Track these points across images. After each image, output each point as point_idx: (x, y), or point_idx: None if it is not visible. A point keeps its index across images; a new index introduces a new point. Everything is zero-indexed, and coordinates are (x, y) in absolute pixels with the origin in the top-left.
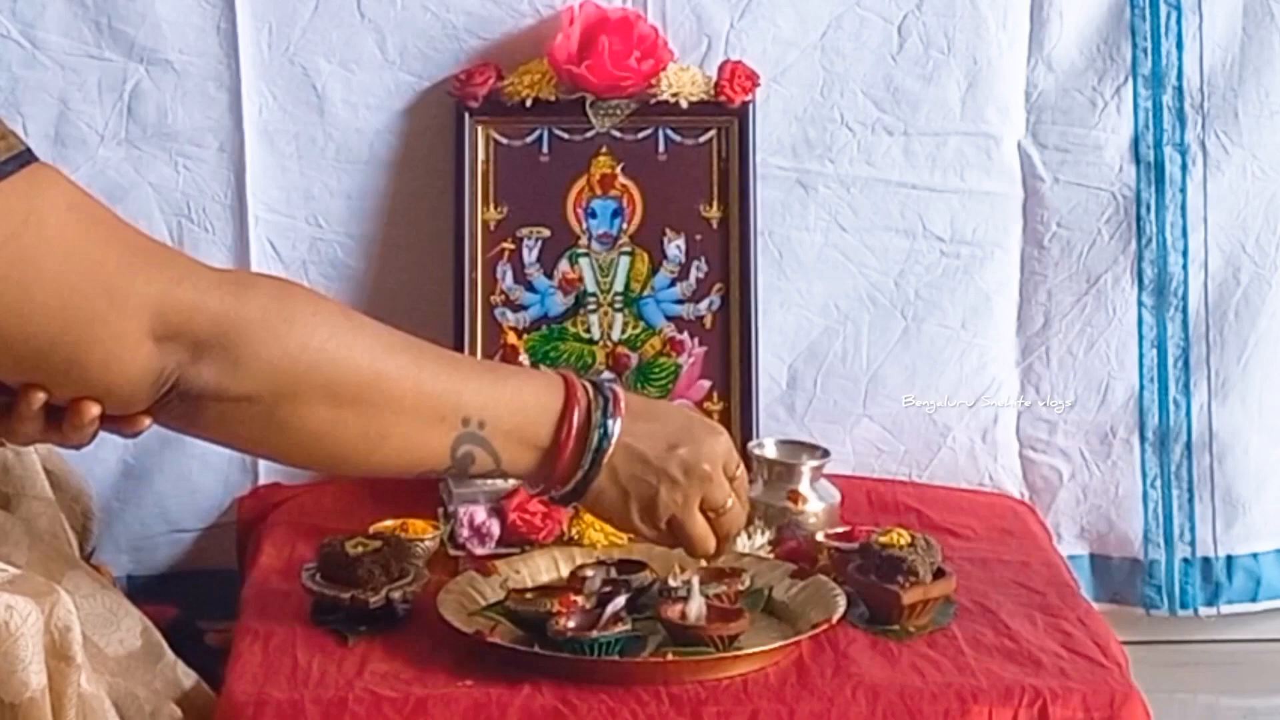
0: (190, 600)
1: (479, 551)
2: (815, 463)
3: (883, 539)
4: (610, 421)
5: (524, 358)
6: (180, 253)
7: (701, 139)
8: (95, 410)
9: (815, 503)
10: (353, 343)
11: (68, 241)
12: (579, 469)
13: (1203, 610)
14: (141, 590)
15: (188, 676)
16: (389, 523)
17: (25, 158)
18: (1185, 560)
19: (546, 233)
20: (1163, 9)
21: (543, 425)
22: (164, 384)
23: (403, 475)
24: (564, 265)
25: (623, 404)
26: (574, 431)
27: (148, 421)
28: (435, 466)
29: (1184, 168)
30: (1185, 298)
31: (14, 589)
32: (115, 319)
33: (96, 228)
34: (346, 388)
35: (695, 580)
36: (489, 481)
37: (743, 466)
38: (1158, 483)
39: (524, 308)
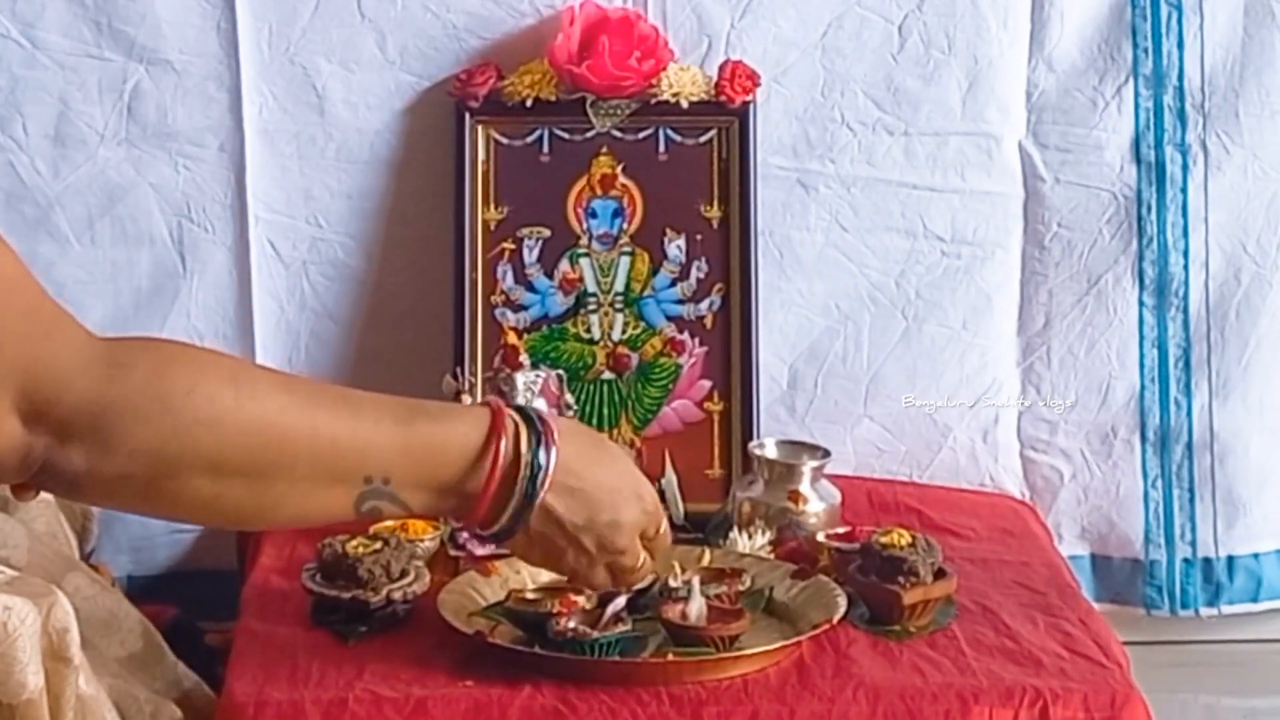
0: (190, 600)
1: (479, 552)
2: (816, 463)
3: (883, 539)
4: (540, 480)
5: (524, 358)
6: (64, 319)
7: (702, 139)
8: None
9: (816, 503)
10: (236, 416)
11: None
12: (505, 512)
13: (1204, 611)
14: (141, 590)
15: (188, 677)
16: (389, 523)
17: None
18: (1186, 560)
19: (547, 233)
20: (1163, 9)
21: (457, 468)
22: (32, 465)
23: (306, 526)
24: (564, 265)
25: (555, 436)
26: (497, 474)
27: (32, 492)
28: (340, 519)
29: (1185, 168)
30: (1186, 298)
31: (12, 590)
32: None
33: None
34: (229, 462)
35: (696, 580)
36: None
37: (666, 527)
38: (1159, 483)
39: (524, 308)
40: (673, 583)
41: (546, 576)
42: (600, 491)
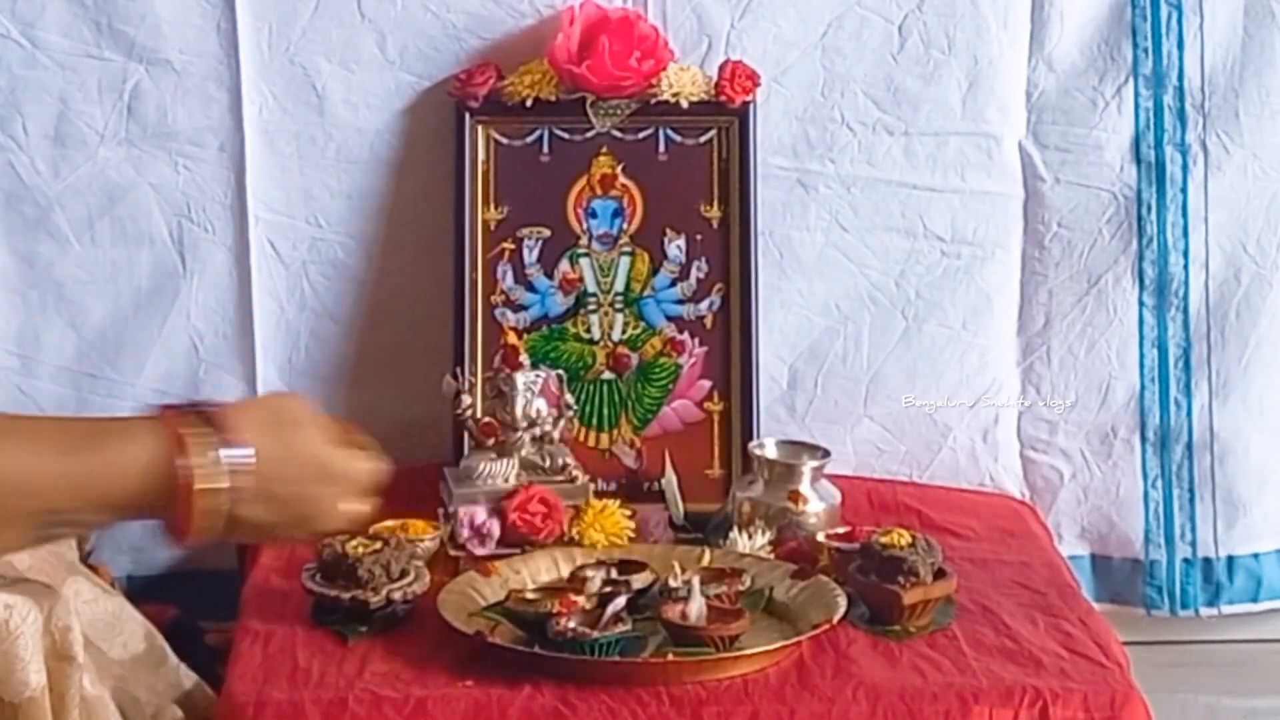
0: (190, 600)
1: (479, 552)
2: (816, 463)
3: (883, 539)
4: (225, 500)
5: (524, 358)
6: None
7: (702, 139)
8: None
9: (816, 503)
10: None
11: None
12: (202, 528)
13: (1204, 610)
14: (141, 590)
15: (189, 678)
16: (389, 523)
17: None
18: (1186, 560)
19: (547, 233)
20: (1163, 9)
21: (129, 490)
22: None
23: None
24: (564, 265)
25: (235, 434)
26: (180, 493)
27: None
28: (17, 551)
29: (1185, 168)
30: (1186, 298)
31: (14, 589)
32: None
33: None
34: None
35: (695, 580)
36: (489, 482)
37: (369, 467)
38: (1159, 483)
39: (524, 308)
40: (673, 583)
41: (546, 576)
42: (291, 488)
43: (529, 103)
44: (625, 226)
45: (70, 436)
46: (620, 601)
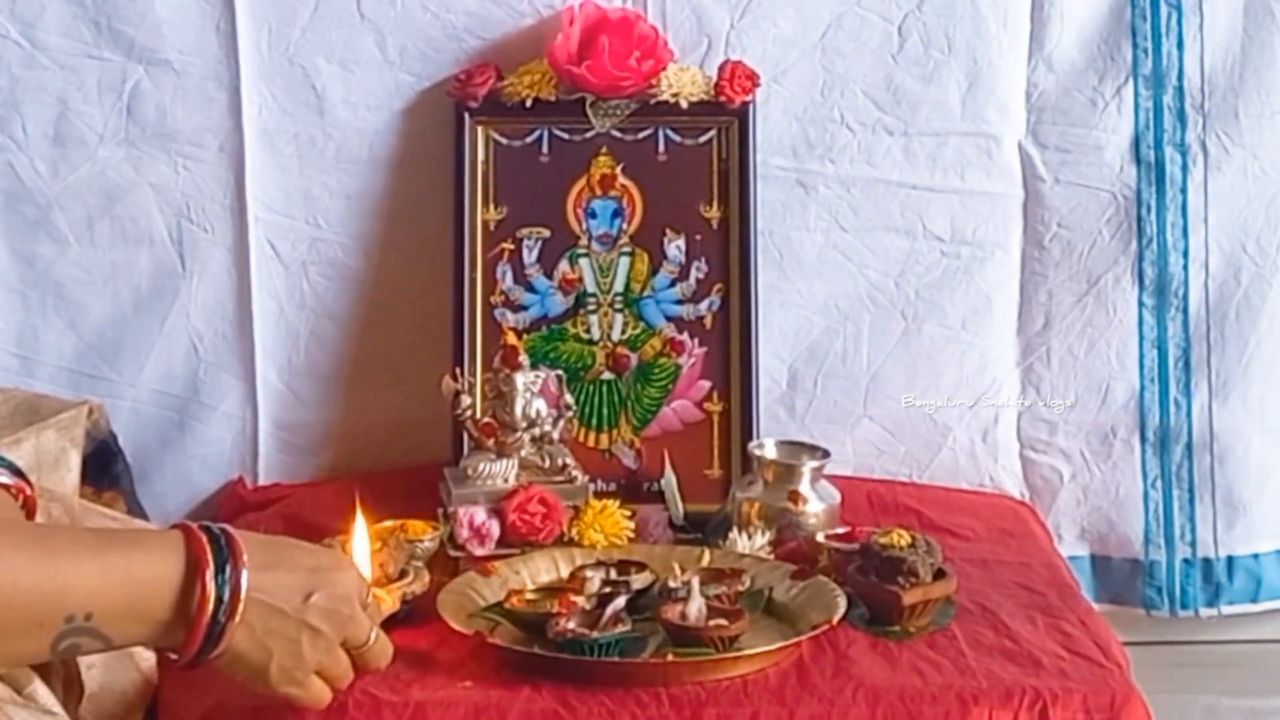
0: None
1: (479, 552)
2: (815, 463)
3: (883, 540)
4: (225, 583)
5: (524, 358)
6: None
7: (701, 139)
8: None
9: (815, 503)
10: None
11: None
12: (207, 631)
13: (1203, 611)
14: None
15: None
16: (389, 523)
17: None
18: (1186, 561)
19: (546, 233)
20: (1163, 9)
21: (160, 598)
22: None
23: None
24: (564, 265)
25: (244, 556)
26: (207, 595)
27: None
28: (33, 662)
29: (1184, 168)
30: (1186, 298)
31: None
32: None
33: None
34: None
35: (695, 581)
36: (489, 482)
37: (372, 594)
38: (1158, 483)
39: (524, 308)
40: (672, 583)
41: (546, 576)
42: (300, 569)
43: (528, 103)
44: (625, 227)
45: (103, 539)
46: (620, 602)
